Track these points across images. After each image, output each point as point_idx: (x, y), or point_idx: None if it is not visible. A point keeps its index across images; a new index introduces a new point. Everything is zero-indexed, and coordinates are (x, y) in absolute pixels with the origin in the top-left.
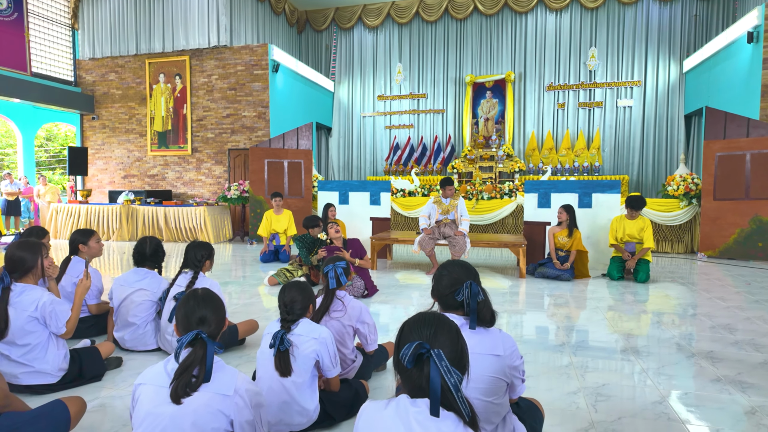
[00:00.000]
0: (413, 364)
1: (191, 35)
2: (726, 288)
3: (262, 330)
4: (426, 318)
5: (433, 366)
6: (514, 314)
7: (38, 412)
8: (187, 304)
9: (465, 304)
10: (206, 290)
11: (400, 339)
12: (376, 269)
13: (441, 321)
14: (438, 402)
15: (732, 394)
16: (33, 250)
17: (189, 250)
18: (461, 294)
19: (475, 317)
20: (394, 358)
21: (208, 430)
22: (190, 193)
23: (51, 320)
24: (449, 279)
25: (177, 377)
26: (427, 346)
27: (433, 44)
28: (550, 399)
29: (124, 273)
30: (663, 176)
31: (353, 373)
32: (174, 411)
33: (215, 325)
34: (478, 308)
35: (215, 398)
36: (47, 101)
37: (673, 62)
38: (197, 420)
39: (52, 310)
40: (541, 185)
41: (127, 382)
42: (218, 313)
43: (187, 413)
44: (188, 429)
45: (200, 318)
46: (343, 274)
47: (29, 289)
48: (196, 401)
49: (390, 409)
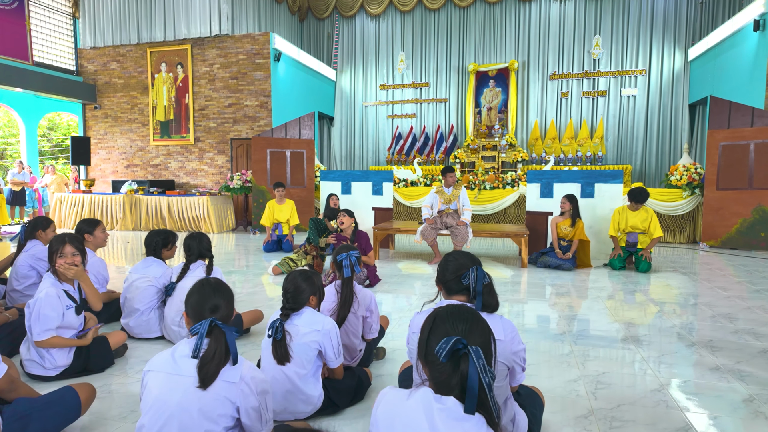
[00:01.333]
0: (448, 359)
1: (193, 24)
2: (727, 278)
3: (267, 319)
4: (461, 312)
5: (471, 363)
6: (516, 303)
7: (49, 398)
8: (200, 292)
9: (471, 287)
10: (218, 279)
11: (431, 329)
12: (379, 258)
13: (476, 317)
14: (475, 400)
15: (730, 382)
16: (51, 249)
17: (193, 242)
18: (467, 278)
19: (481, 300)
20: (422, 349)
21: (215, 416)
22: (192, 183)
23: (32, 322)
24: (455, 264)
25: (204, 366)
26: (465, 342)
27: (436, 32)
28: (550, 387)
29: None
30: (666, 166)
31: (358, 362)
32: (181, 397)
33: (226, 314)
34: (484, 292)
35: (222, 385)
36: (49, 90)
37: (678, 51)
38: (204, 406)
39: (37, 313)
40: (544, 175)
41: (134, 369)
42: (230, 303)
43: (194, 400)
44: (195, 415)
45: (213, 306)
46: (357, 263)
47: (44, 279)
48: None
49: (414, 400)
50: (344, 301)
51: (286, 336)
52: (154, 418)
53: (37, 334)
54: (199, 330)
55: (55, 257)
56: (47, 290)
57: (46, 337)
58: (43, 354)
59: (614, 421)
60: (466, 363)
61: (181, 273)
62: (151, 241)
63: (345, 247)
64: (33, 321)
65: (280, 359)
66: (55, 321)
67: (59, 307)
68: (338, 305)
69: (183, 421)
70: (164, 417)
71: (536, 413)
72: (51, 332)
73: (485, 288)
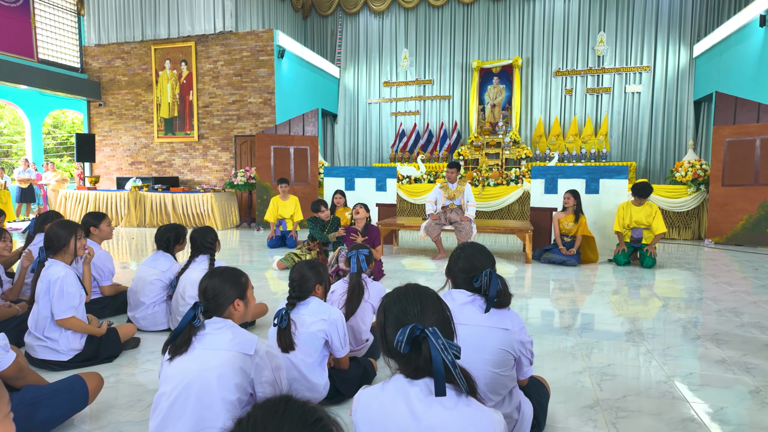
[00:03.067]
0: (410, 348)
1: (197, 21)
2: (733, 273)
3: (272, 312)
4: (407, 294)
5: (432, 346)
6: (520, 298)
7: (58, 386)
8: (203, 278)
9: (482, 290)
10: (229, 268)
11: (385, 322)
12: (383, 254)
13: (423, 293)
14: (443, 381)
15: (737, 374)
16: (69, 230)
17: (197, 235)
18: (479, 281)
19: (492, 303)
20: (383, 344)
21: (231, 385)
22: (197, 180)
23: (54, 301)
24: (466, 264)
25: (175, 338)
26: (420, 326)
27: (440, 29)
28: (555, 378)
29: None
30: (671, 162)
31: (364, 352)
32: (200, 366)
33: (221, 300)
34: (497, 296)
35: (238, 357)
36: (54, 88)
37: (683, 47)
38: (223, 374)
39: (60, 290)
40: (548, 171)
41: (141, 360)
42: (230, 289)
43: (213, 368)
44: (214, 381)
45: (204, 288)
46: (365, 261)
47: (55, 264)
48: (221, 357)
49: (388, 391)
50: (352, 294)
51: (291, 325)
52: (173, 386)
53: (62, 311)
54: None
55: (73, 240)
56: (65, 270)
57: (69, 315)
58: (57, 337)
59: (620, 411)
60: (427, 346)
61: (185, 266)
62: (163, 236)
63: (357, 245)
64: (56, 299)
65: (284, 347)
66: (77, 299)
67: (79, 287)
68: (347, 297)
69: (201, 387)
70: (184, 383)
71: (542, 401)
72: (73, 310)
73: (499, 293)
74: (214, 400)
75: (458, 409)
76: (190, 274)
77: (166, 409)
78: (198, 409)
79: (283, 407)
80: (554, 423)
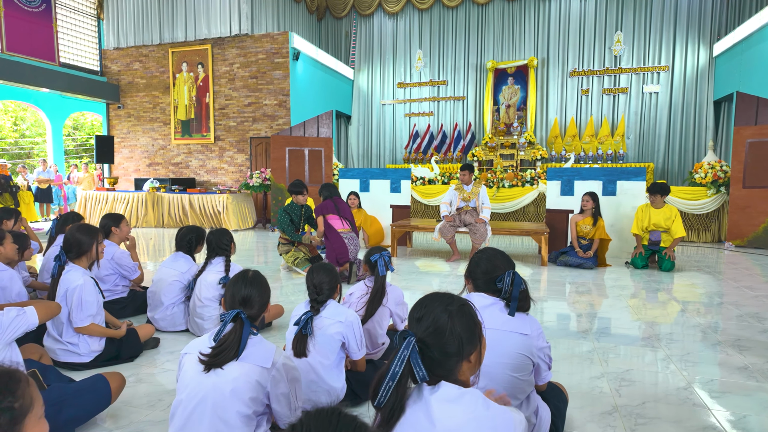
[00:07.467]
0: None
1: (213, 24)
2: (754, 277)
3: (288, 314)
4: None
5: (401, 354)
6: (536, 301)
7: (81, 385)
8: (235, 283)
9: (504, 291)
10: (256, 272)
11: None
12: (396, 256)
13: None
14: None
15: (760, 382)
16: (90, 235)
17: (213, 238)
18: (502, 282)
19: (515, 305)
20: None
21: (246, 399)
22: (213, 181)
23: (73, 310)
24: (488, 264)
25: (216, 352)
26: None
27: (454, 30)
28: (573, 383)
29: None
30: (690, 164)
31: (380, 355)
32: (216, 379)
33: (258, 307)
34: (520, 297)
35: (254, 369)
36: (74, 90)
37: (702, 46)
38: (237, 388)
39: (79, 299)
40: (565, 172)
41: (161, 360)
42: (263, 296)
43: (228, 381)
44: (228, 395)
45: (244, 297)
46: (390, 262)
47: (74, 270)
48: (237, 370)
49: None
50: (374, 296)
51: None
52: (189, 397)
53: (80, 320)
54: (225, 318)
55: (95, 246)
56: (84, 278)
57: (88, 323)
58: (77, 341)
59: (639, 418)
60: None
61: (202, 267)
62: (184, 237)
63: (378, 248)
64: (75, 308)
65: (298, 353)
66: (95, 307)
67: (97, 293)
68: (368, 300)
69: (216, 401)
70: (199, 396)
71: (560, 407)
72: (91, 318)
73: (521, 294)
74: (229, 415)
75: (476, 413)
76: (206, 276)
77: (183, 421)
78: (214, 422)
79: (336, 419)
80: (572, 429)
